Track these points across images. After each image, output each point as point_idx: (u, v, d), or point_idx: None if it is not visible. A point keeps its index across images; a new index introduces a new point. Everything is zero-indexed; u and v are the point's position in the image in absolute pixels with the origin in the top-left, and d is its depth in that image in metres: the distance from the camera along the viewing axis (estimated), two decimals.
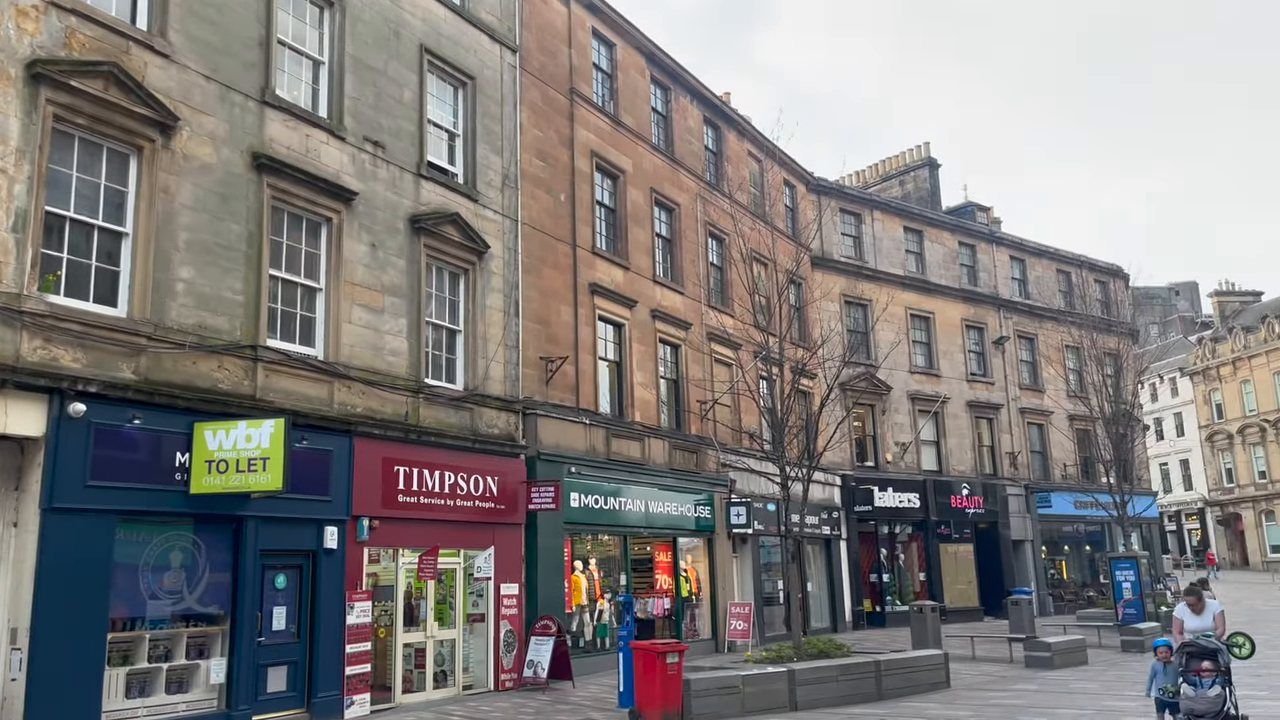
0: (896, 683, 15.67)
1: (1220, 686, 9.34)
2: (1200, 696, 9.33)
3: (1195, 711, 9.35)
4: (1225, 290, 70.40)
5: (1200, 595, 11.57)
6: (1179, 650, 9.91)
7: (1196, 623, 11.17)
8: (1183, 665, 9.74)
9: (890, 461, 31.78)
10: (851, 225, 33.21)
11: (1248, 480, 61.55)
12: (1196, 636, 10.28)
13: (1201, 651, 9.67)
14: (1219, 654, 9.62)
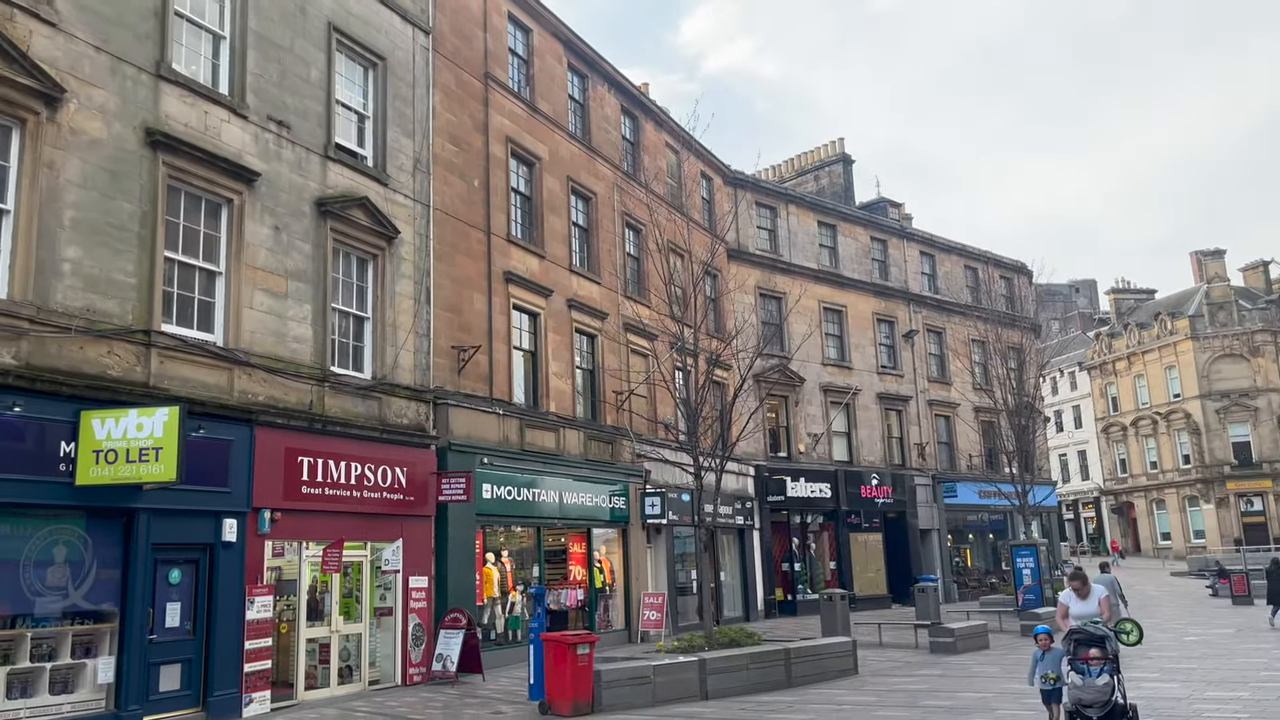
0: (806, 670, 15.87)
1: (1109, 675, 8.99)
2: (1088, 685, 8.96)
3: (1083, 701, 8.96)
4: (1121, 288, 73.37)
5: (1085, 580, 11.20)
6: (1066, 637, 9.48)
7: (1081, 608, 10.82)
8: (1070, 653, 9.34)
9: (803, 452, 32.22)
10: (767, 219, 33.52)
11: (1140, 470, 64.33)
12: (1084, 623, 9.93)
13: (1089, 639, 9.32)
14: (1107, 641, 9.28)
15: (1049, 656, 10.05)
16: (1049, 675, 9.98)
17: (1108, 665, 9.01)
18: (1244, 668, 15.28)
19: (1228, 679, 14.03)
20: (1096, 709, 8.88)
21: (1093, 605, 10.88)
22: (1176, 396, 61.48)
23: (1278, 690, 12.47)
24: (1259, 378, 58.55)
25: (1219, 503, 58.11)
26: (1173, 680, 14.08)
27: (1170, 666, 15.87)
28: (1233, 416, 58.76)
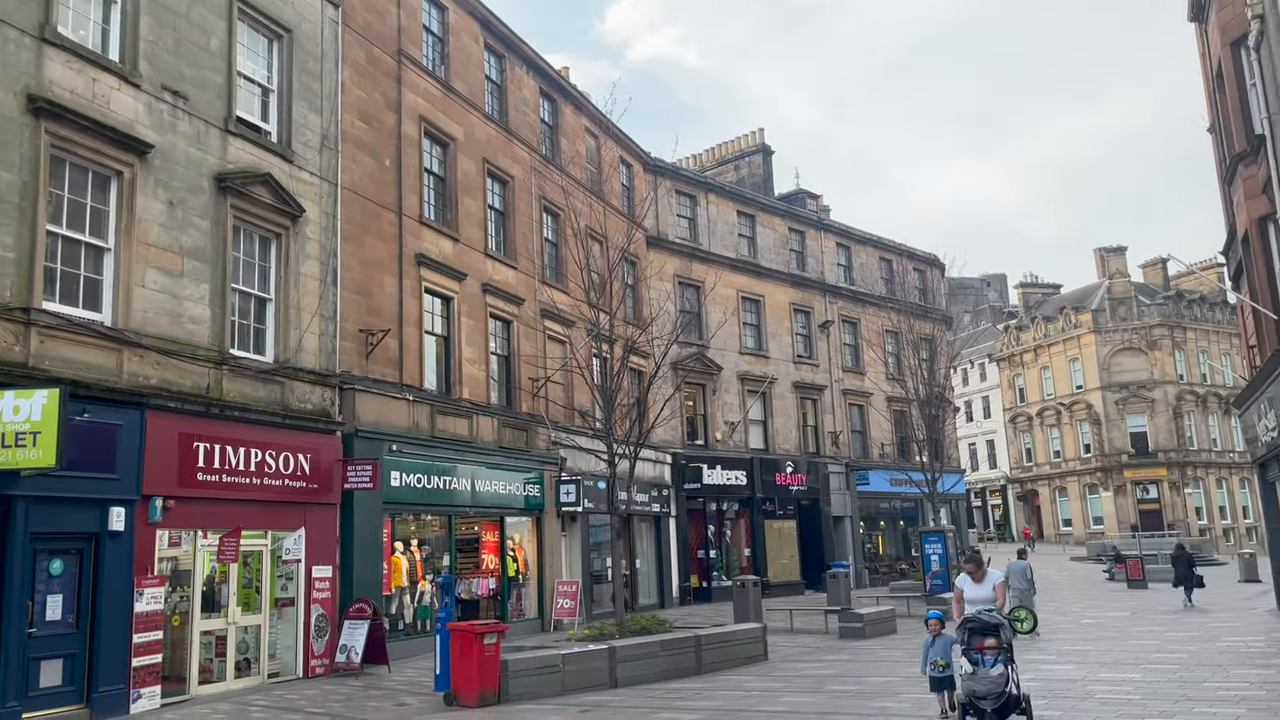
0: (716, 657, 15.89)
1: (1003, 665, 8.65)
2: (982, 676, 8.59)
3: (977, 693, 8.57)
4: (1029, 282, 75.65)
5: (981, 563, 10.60)
6: (961, 626, 9.14)
7: (976, 591, 10.31)
8: (964, 642, 8.99)
9: (719, 440, 32.39)
10: (687, 207, 33.53)
11: (1044, 459, 66.53)
12: (979, 611, 9.51)
13: (984, 627, 8.98)
14: (1001, 629, 8.97)
15: (939, 643, 9.93)
16: (938, 662, 9.83)
17: (1002, 655, 8.72)
18: (1137, 649, 15.81)
19: (1121, 660, 14.49)
20: (990, 700, 8.51)
21: (987, 590, 10.28)
22: (1079, 388, 63.68)
23: (1167, 672, 12.90)
24: (1156, 370, 60.99)
25: (1117, 490, 60.44)
26: (1069, 662, 14.49)
27: (1067, 649, 16.34)
28: (1131, 407, 61.12)
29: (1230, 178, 19.83)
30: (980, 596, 10.23)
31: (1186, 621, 20.34)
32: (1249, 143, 17.74)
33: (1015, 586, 21.18)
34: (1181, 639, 16.91)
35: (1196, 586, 24.75)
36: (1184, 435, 60.56)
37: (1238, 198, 19.12)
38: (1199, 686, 11.39)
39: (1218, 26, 18.92)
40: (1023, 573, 20.43)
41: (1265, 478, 22.70)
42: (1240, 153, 18.20)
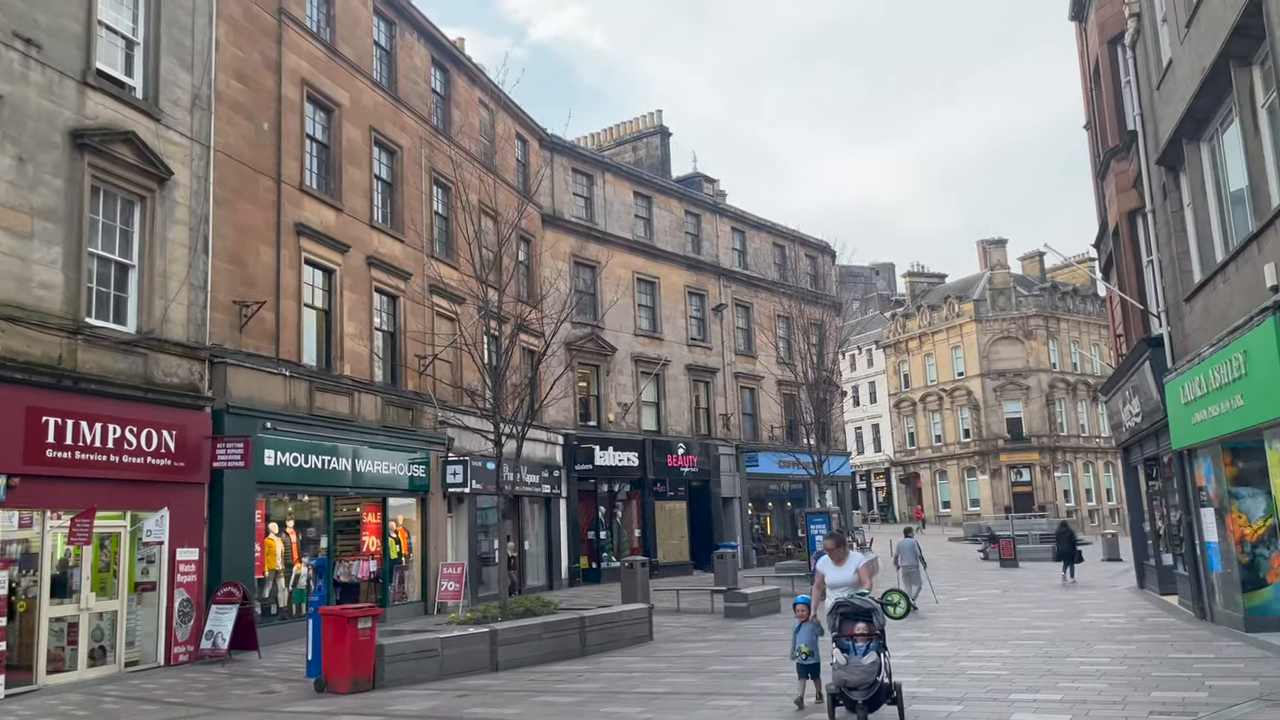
0: (601, 638, 15.76)
1: (875, 652, 8.20)
2: (854, 665, 8.10)
3: (848, 683, 8.05)
4: (916, 272, 77.95)
5: (843, 542, 9.99)
6: (832, 611, 8.66)
7: (837, 575, 9.65)
8: (835, 628, 8.56)
9: (612, 421, 32.28)
10: (583, 186, 33.17)
11: (926, 443, 68.81)
12: (851, 595, 8.96)
13: (855, 612, 8.53)
14: (874, 614, 8.53)
15: (805, 629, 9.47)
16: (803, 649, 9.39)
17: (874, 642, 8.31)
18: (1006, 626, 16.35)
19: (991, 637, 14.94)
20: (862, 691, 8.01)
21: (849, 572, 9.60)
22: (960, 375, 66.01)
23: (1034, 647, 13.34)
24: (1031, 359, 63.66)
25: (993, 473, 62.96)
26: (943, 639, 14.87)
27: (941, 626, 16.79)
28: (1008, 394, 63.68)
29: (1103, 173, 20.61)
30: (842, 580, 9.58)
31: (1053, 599, 21.20)
32: (1122, 139, 18.43)
33: (904, 564, 21.93)
34: (1048, 616, 17.58)
35: (1077, 562, 26.08)
36: (1055, 421, 63.46)
37: (1110, 192, 19.88)
38: (1063, 661, 11.79)
39: (1096, 25, 19.58)
40: (912, 549, 21.32)
41: (1128, 461, 23.81)
42: (1113, 148, 18.90)
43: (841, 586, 9.47)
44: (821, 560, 9.97)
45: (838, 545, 9.87)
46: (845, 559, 9.79)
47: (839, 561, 9.77)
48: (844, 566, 9.74)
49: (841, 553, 9.82)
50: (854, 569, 9.67)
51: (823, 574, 9.79)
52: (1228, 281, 13.31)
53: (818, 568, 9.95)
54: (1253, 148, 12.01)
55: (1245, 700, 8.55)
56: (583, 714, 9.86)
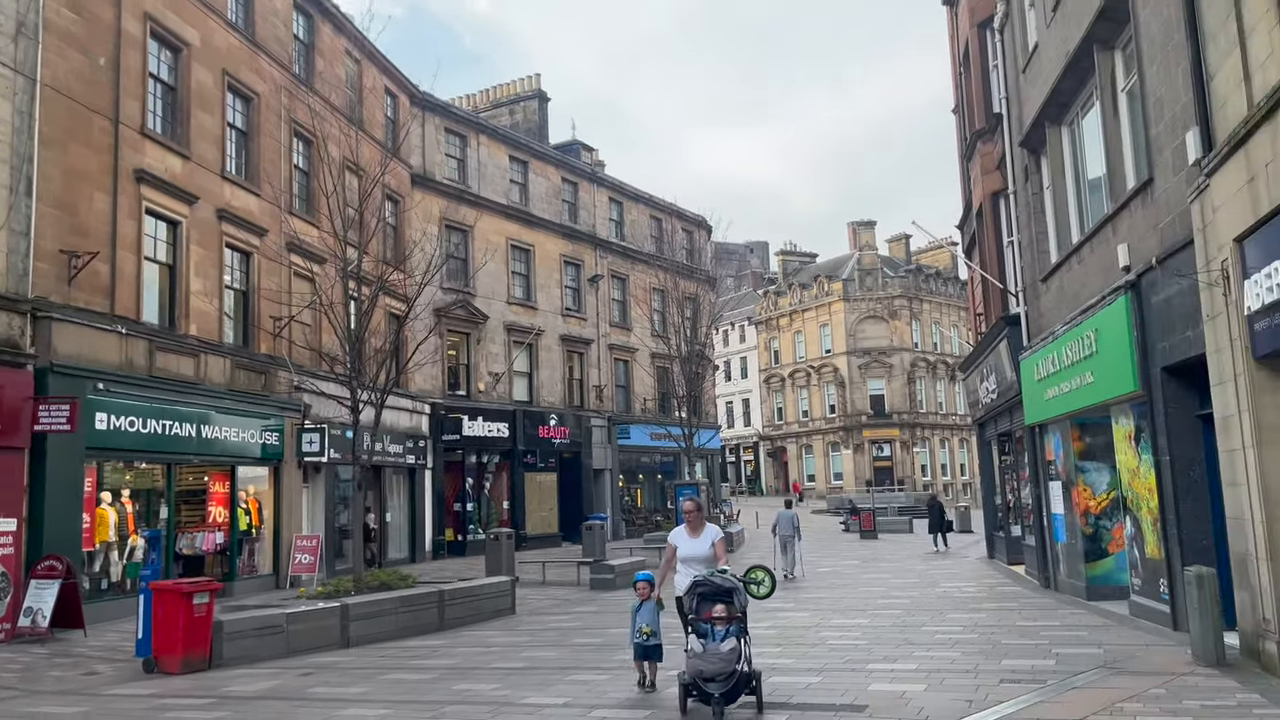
0: (461, 612, 15.26)
1: (735, 638, 7.38)
2: (711, 653, 7.24)
3: (704, 673, 7.21)
4: (789, 250, 79.38)
5: (700, 509, 8.92)
6: (689, 590, 7.81)
7: (692, 548, 8.66)
8: (692, 609, 7.74)
9: (483, 391, 31.54)
10: (456, 147, 32.10)
11: (794, 418, 70.43)
12: (711, 573, 8.04)
13: (715, 591, 7.72)
14: (735, 594, 7.72)
15: (646, 607, 8.65)
16: (644, 629, 8.57)
17: (735, 626, 7.48)
18: (866, 596, 16.66)
19: (851, 607, 15.17)
20: (719, 683, 7.15)
21: (704, 545, 8.59)
22: (828, 352, 67.72)
23: (892, 617, 13.56)
24: (895, 338, 65.81)
25: (856, 448, 64.97)
26: (805, 609, 15.00)
27: (804, 597, 16.99)
28: (871, 372, 65.71)
29: (969, 155, 21.13)
30: (695, 554, 8.56)
31: (909, 569, 21.82)
32: (988, 121, 18.88)
33: (781, 533, 22.24)
34: (904, 585, 18.03)
35: (947, 531, 27.60)
36: (915, 399, 65.89)
37: (974, 173, 20.39)
38: (919, 631, 11.99)
39: (967, 8, 19.96)
40: (790, 520, 21.76)
41: (983, 437, 24.71)
42: (979, 130, 19.36)
43: (694, 561, 8.51)
44: (675, 532, 8.93)
45: (697, 510, 8.81)
46: (702, 530, 8.72)
47: (695, 532, 8.72)
48: (699, 539, 8.68)
49: (699, 522, 8.75)
50: (710, 542, 8.62)
51: (674, 546, 8.78)
52: (1082, 262, 13.72)
53: (670, 539, 8.89)
54: (1111, 130, 12.34)
55: (1090, 668, 8.77)
56: (433, 691, 9.38)
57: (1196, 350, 9.77)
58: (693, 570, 8.37)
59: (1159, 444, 11.12)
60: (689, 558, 8.56)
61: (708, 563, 8.43)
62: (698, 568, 8.37)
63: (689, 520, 8.77)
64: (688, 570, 8.42)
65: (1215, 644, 8.49)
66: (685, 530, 8.79)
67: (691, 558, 8.55)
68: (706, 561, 8.45)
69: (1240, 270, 8.21)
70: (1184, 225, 9.91)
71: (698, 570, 8.30)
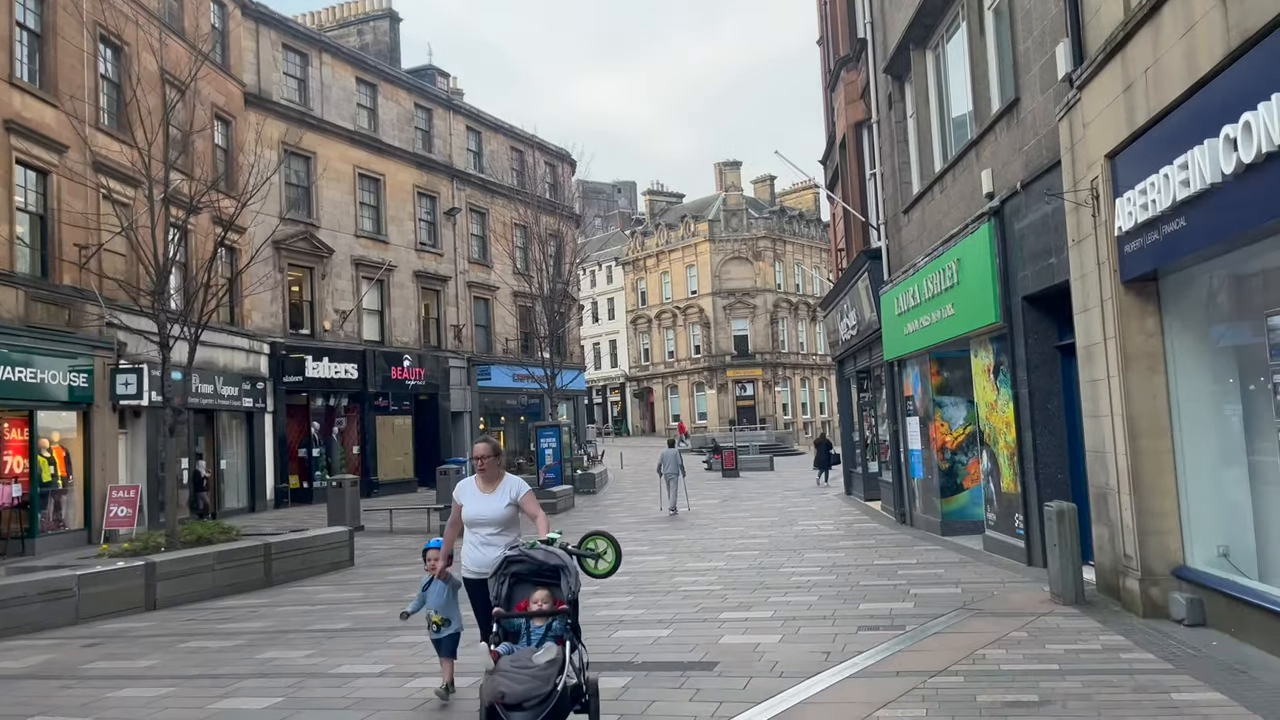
0: (291, 566, 13.99)
1: (556, 644, 5.08)
2: (520, 665, 4.91)
3: (508, 697, 4.76)
4: (656, 190, 78.58)
5: (498, 452, 6.36)
6: (499, 569, 5.45)
7: (481, 507, 6.15)
8: (500, 595, 5.39)
9: (329, 330, 29.63)
10: (296, 65, 29.62)
11: (660, 359, 70.35)
12: (533, 544, 5.55)
13: (536, 570, 5.42)
14: (563, 574, 5.38)
15: (437, 587, 6.55)
16: (435, 617, 6.51)
17: (559, 622, 5.27)
18: (724, 536, 16.20)
19: (709, 549, 14.64)
20: (529, 711, 4.74)
21: (498, 505, 6.10)
22: (694, 293, 67.63)
23: (749, 558, 13.07)
24: (759, 279, 66.22)
25: (720, 388, 65.44)
26: (661, 553, 14.39)
27: (662, 539, 16.41)
28: (736, 313, 66.06)
29: (833, 84, 20.57)
30: (487, 516, 6.09)
31: (769, 507, 21.63)
32: (852, 48, 18.30)
33: (666, 471, 21.78)
34: (763, 525, 17.70)
35: (834, 465, 28.82)
36: (778, 339, 66.71)
37: (838, 104, 19.86)
38: (776, 573, 11.48)
39: None
40: (674, 459, 21.79)
41: (842, 374, 24.66)
42: (844, 57, 18.77)
43: (485, 526, 6.10)
44: (463, 485, 6.33)
45: (494, 455, 6.25)
46: (499, 483, 6.19)
47: (489, 485, 6.20)
48: (493, 495, 6.14)
49: (495, 472, 6.24)
50: (507, 499, 6.11)
51: (460, 505, 6.25)
52: (945, 191, 13.29)
53: (455, 494, 6.36)
54: (977, 51, 11.81)
55: (949, 610, 8.35)
56: (234, 661, 8.21)
57: (1060, 277, 9.39)
58: (486, 539, 6.06)
59: (1018, 376, 10.82)
60: (478, 520, 6.12)
61: (502, 528, 6.08)
62: (493, 537, 6.05)
63: (481, 469, 6.22)
64: (479, 540, 6.11)
65: (1075, 581, 8.18)
66: (476, 482, 6.26)
67: (481, 520, 6.11)
68: (501, 526, 6.08)
69: (1111, 189, 7.73)
70: (1051, 146, 9.44)
71: (491, 539, 6.04)
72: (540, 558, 5.44)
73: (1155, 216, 6.92)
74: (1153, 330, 7.68)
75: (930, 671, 6.32)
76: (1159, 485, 7.57)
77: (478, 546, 6.11)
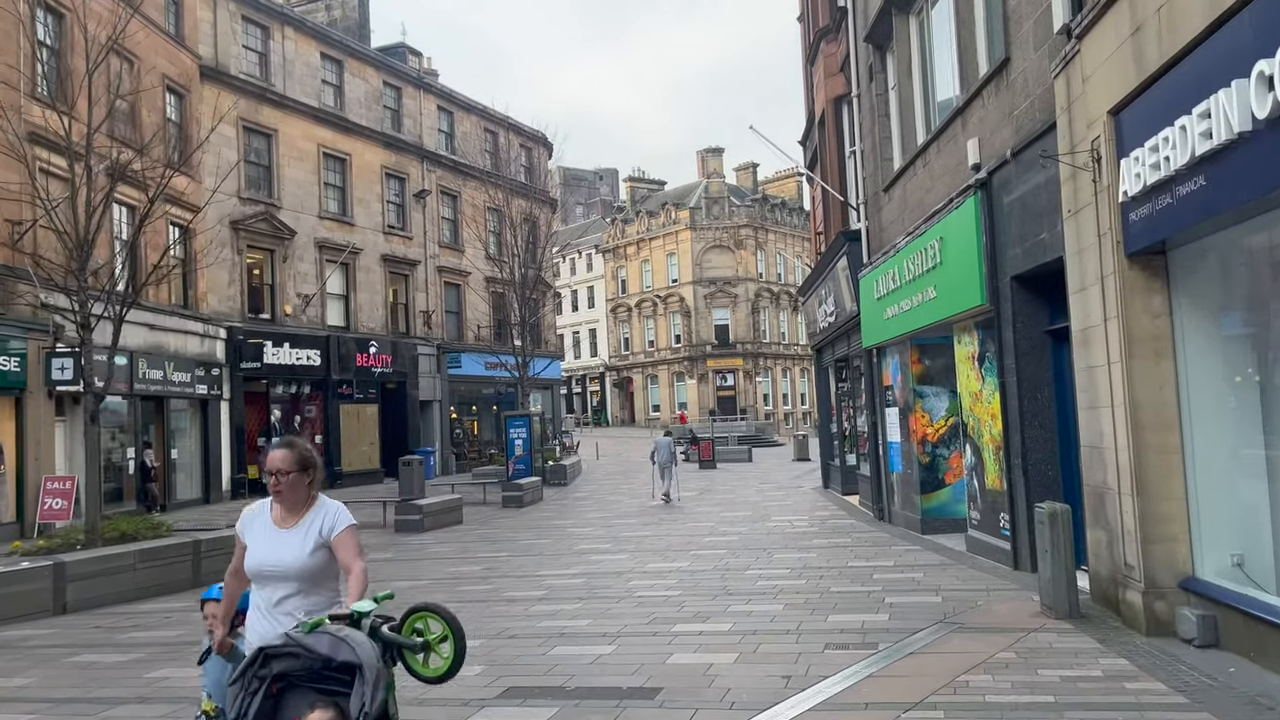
0: (223, 565, 12.59)
1: None
2: None
3: None
4: (637, 177, 77.44)
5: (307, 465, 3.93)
6: (249, 669, 3.25)
7: (271, 551, 3.80)
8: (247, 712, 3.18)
9: (290, 315, 28.50)
10: (257, 39, 28.40)
11: (640, 348, 69.37)
12: (310, 627, 3.33)
13: (310, 670, 3.23)
14: (361, 678, 3.12)
15: (217, 663, 4.35)
16: (206, 707, 4.48)
17: None
18: (692, 533, 15.29)
19: (673, 546, 13.72)
20: None
21: (298, 549, 3.77)
22: (675, 281, 66.64)
23: (714, 558, 12.16)
24: (740, 268, 65.29)
25: (700, 378, 64.54)
26: (623, 550, 13.47)
27: (626, 535, 15.50)
28: (717, 302, 65.12)
29: (813, 57, 19.62)
30: (282, 565, 3.78)
31: (742, 500, 20.75)
32: (832, 17, 17.34)
33: (660, 460, 20.98)
34: (734, 520, 16.80)
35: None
36: (759, 329, 65.84)
37: (817, 78, 18.92)
38: (741, 576, 10.57)
39: None
40: (668, 447, 21.50)
41: (820, 363, 23.78)
42: (823, 28, 17.82)
43: (280, 582, 3.79)
44: (251, 514, 3.98)
45: (298, 470, 3.87)
46: (305, 513, 3.88)
47: (290, 515, 3.88)
48: (293, 532, 3.82)
49: (300, 495, 3.88)
50: (315, 540, 3.80)
51: (243, 542, 3.93)
52: (928, 165, 12.38)
53: (239, 529, 3.97)
54: (964, 9, 10.88)
55: (928, 623, 7.44)
56: (117, 681, 7.23)
57: (1053, 254, 8.49)
58: (279, 604, 3.77)
59: (1005, 363, 9.93)
60: (265, 571, 3.80)
61: (307, 585, 3.78)
62: (290, 600, 3.76)
63: (275, 489, 3.86)
64: (268, 603, 3.80)
65: (1068, 592, 7.29)
66: (271, 510, 3.91)
67: (270, 572, 3.78)
68: (303, 582, 3.77)
69: (1115, 149, 6.82)
70: (1045, 108, 8.53)
71: (288, 604, 3.76)
72: (324, 649, 3.17)
73: (1168, 177, 6.00)
74: (1160, 310, 6.78)
75: (905, 704, 5.41)
76: (1165, 485, 6.69)
77: (266, 614, 3.76)
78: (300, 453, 3.93)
